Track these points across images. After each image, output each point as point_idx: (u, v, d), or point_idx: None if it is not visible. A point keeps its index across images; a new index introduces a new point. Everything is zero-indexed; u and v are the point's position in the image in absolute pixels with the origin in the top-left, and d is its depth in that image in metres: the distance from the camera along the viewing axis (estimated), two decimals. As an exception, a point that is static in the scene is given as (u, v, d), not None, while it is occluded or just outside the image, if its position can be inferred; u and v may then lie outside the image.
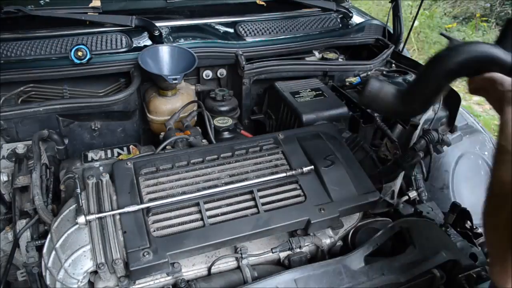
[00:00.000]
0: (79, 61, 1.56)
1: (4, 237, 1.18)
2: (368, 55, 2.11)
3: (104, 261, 0.97)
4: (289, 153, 1.27)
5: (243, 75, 1.74)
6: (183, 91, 1.72)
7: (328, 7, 2.09)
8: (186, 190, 1.14)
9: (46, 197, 1.22)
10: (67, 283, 0.99)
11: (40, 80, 1.61)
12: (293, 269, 1.07)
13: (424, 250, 1.15)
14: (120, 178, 1.14)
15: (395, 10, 2.03)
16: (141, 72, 1.64)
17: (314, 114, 1.54)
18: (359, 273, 1.10)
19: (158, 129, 1.66)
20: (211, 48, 1.75)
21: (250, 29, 1.89)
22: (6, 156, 1.33)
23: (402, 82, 1.81)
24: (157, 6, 1.95)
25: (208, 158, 1.24)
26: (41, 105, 1.47)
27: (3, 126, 1.43)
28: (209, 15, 1.94)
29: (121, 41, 1.70)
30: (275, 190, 1.18)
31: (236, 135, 1.64)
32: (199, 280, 1.08)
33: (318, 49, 2.01)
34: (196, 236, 1.03)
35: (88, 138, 1.61)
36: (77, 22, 1.71)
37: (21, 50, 1.59)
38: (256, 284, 1.03)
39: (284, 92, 1.66)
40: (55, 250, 1.01)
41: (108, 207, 1.06)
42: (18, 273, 1.14)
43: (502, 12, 6.22)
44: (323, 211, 1.12)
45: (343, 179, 1.21)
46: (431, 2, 6.58)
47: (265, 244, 1.19)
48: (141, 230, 1.01)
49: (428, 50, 5.93)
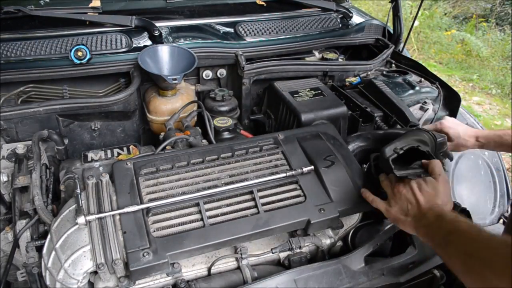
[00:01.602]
0: (79, 61, 1.56)
1: (4, 237, 1.18)
2: (368, 55, 2.12)
3: (104, 262, 0.97)
4: (289, 153, 1.27)
5: (243, 75, 1.73)
6: (183, 91, 1.72)
7: (328, 7, 2.09)
8: (186, 190, 1.14)
9: (46, 197, 1.22)
10: (67, 283, 0.99)
11: (40, 80, 1.61)
12: (293, 269, 1.07)
13: (424, 250, 1.15)
14: (120, 178, 1.14)
15: (395, 10, 2.03)
16: (141, 72, 1.64)
17: (313, 113, 1.53)
18: (359, 273, 1.10)
19: (158, 129, 1.66)
20: (211, 48, 1.75)
21: (250, 29, 1.89)
22: (6, 156, 1.33)
23: (402, 82, 1.81)
24: (157, 6, 1.95)
25: (208, 158, 1.24)
26: (41, 105, 1.47)
27: (3, 126, 1.43)
28: (209, 15, 1.94)
29: (121, 41, 1.70)
30: (275, 190, 1.18)
31: (236, 135, 1.64)
32: (199, 281, 1.08)
33: (318, 49, 2.01)
34: (196, 237, 1.03)
35: (88, 138, 1.61)
36: (77, 22, 1.71)
37: (21, 50, 1.59)
38: (256, 284, 1.03)
39: (283, 92, 1.66)
40: (55, 251, 1.01)
41: (108, 207, 1.06)
42: (18, 273, 1.14)
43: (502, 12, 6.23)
44: (323, 211, 1.12)
45: (343, 179, 1.21)
46: (431, 2, 6.59)
47: (265, 244, 1.19)
48: (141, 231, 1.01)
49: (428, 50, 5.93)
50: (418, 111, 1.67)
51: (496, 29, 6.02)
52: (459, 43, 5.86)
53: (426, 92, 1.76)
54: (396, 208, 1.06)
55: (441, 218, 0.95)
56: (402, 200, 1.05)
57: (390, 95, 1.65)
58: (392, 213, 1.07)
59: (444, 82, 1.78)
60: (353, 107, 1.68)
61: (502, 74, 5.20)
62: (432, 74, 1.84)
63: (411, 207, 1.03)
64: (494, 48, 5.63)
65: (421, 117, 1.66)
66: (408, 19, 5.54)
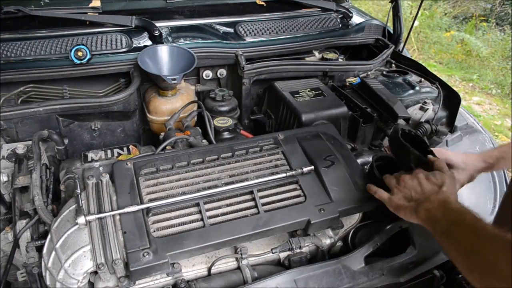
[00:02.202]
0: (79, 61, 1.56)
1: (4, 237, 1.18)
2: (368, 55, 2.12)
3: (104, 262, 0.97)
4: (289, 153, 1.27)
5: (243, 75, 1.73)
6: (183, 91, 1.72)
7: (328, 7, 2.09)
8: (186, 190, 1.14)
9: (46, 197, 1.22)
10: (67, 284, 0.99)
11: (40, 80, 1.61)
12: (293, 269, 1.08)
13: (424, 250, 1.15)
14: (120, 179, 1.14)
15: (395, 10, 2.03)
16: (141, 72, 1.64)
17: (313, 113, 1.54)
18: (359, 273, 1.10)
19: (158, 129, 1.66)
20: (211, 48, 1.75)
21: (250, 29, 1.89)
22: (6, 156, 1.33)
23: (402, 82, 1.81)
24: (157, 6, 1.95)
25: (208, 158, 1.24)
26: (41, 105, 1.47)
27: (3, 126, 1.43)
28: (209, 15, 1.94)
29: (121, 41, 1.70)
30: (275, 190, 1.18)
31: (236, 135, 1.64)
32: (199, 281, 1.08)
33: (318, 49, 2.01)
34: (196, 237, 1.03)
35: (88, 138, 1.61)
36: (77, 22, 1.71)
37: (21, 50, 1.59)
38: (256, 284, 1.03)
39: (284, 92, 1.66)
40: (55, 251, 1.01)
41: (108, 207, 1.06)
42: (18, 273, 1.14)
43: (502, 12, 6.23)
44: (323, 211, 1.12)
45: (343, 179, 1.21)
46: (431, 2, 6.59)
47: (265, 244, 1.19)
48: (141, 231, 1.01)
49: (428, 50, 5.93)
50: (418, 111, 1.67)
51: (496, 29, 6.02)
52: (459, 43, 5.86)
53: (426, 92, 1.76)
54: (399, 195, 1.03)
55: (445, 204, 0.91)
56: (406, 188, 1.03)
57: (380, 92, 1.65)
58: (394, 200, 1.04)
59: (444, 82, 1.78)
60: (354, 107, 1.69)
61: (502, 74, 5.20)
62: (432, 74, 1.84)
63: (414, 193, 1.00)
64: (494, 48, 5.63)
65: (421, 117, 1.67)
66: (408, 19, 5.54)
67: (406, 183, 1.04)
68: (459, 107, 1.69)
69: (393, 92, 1.71)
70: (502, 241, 0.76)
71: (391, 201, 1.05)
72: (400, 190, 1.04)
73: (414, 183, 1.02)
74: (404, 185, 1.04)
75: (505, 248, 0.74)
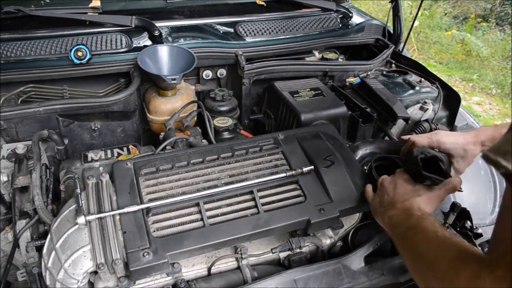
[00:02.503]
0: (79, 61, 1.56)
1: (4, 237, 1.18)
2: (368, 55, 2.12)
3: (104, 262, 0.97)
4: (289, 153, 1.27)
5: (243, 75, 1.73)
6: (183, 91, 1.72)
7: (328, 7, 2.09)
8: (186, 190, 1.14)
9: (46, 197, 1.22)
10: (67, 283, 0.99)
11: (40, 80, 1.61)
12: (293, 269, 1.07)
13: (424, 250, 1.15)
14: (120, 178, 1.14)
15: (395, 10, 2.03)
16: (141, 72, 1.64)
17: (313, 113, 1.53)
18: (359, 273, 1.10)
19: (158, 129, 1.66)
20: (211, 48, 1.75)
21: (250, 29, 1.89)
22: (6, 156, 1.33)
23: (402, 82, 1.81)
24: (157, 6, 1.95)
25: (208, 158, 1.24)
26: (41, 105, 1.47)
27: (3, 126, 1.43)
28: (209, 15, 1.94)
29: (121, 41, 1.70)
30: (275, 190, 1.18)
31: (236, 135, 1.64)
32: (199, 281, 1.08)
33: (318, 49, 2.01)
34: (196, 237, 1.03)
35: (88, 138, 1.61)
36: (77, 22, 1.71)
37: (21, 50, 1.59)
38: (256, 284, 1.03)
39: (283, 92, 1.66)
40: (55, 250, 1.01)
41: (108, 207, 1.06)
42: (18, 273, 1.14)
43: (502, 12, 6.23)
44: (323, 211, 1.12)
45: (343, 179, 1.21)
46: (431, 2, 6.59)
47: (265, 244, 1.19)
48: (141, 230, 1.01)
49: (428, 50, 5.93)
50: (418, 111, 1.67)
51: (496, 29, 6.02)
52: (459, 43, 5.86)
53: (426, 92, 1.76)
54: (376, 200, 1.07)
55: (408, 212, 0.94)
56: (383, 192, 1.06)
57: (380, 92, 1.65)
58: (372, 204, 1.08)
59: (444, 82, 1.78)
60: (353, 107, 1.68)
61: (502, 74, 5.20)
62: (432, 74, 1.84)
63: (386, 198, 1.03)
64: (494, 48, 5.63)
65: (421, 117, 1.67)
66: (408, 19, 5.54)
67: (384, 187, 1.06)
68: (459, 107, 1.69)
69: (393, 92, 1.71)
70: (447, 244, 0.77)
71: (371, 205, 1.09)
72: (378, 194, 1.07)
73: (390, 187, 1.04)
74: (382, 189, 1.07)
75: (447, 249, 0.75)
